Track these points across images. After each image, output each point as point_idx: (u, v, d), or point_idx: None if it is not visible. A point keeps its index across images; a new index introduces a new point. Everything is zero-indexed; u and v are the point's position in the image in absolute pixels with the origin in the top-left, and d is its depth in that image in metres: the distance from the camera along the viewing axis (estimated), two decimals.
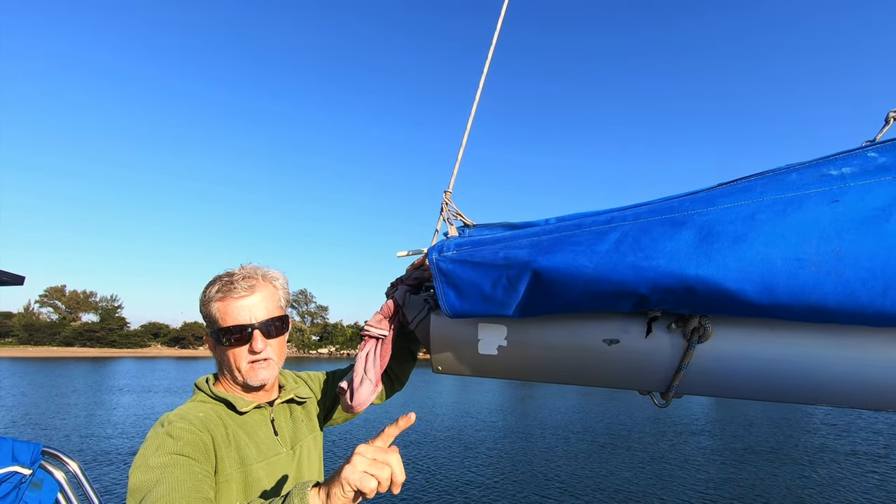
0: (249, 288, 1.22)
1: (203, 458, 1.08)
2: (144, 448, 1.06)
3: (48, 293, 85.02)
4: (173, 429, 1.10)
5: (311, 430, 1.43)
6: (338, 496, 0.83)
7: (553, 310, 1.04)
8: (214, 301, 1.21)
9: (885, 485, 11.07)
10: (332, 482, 0.85)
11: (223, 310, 1.20)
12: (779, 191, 0.86)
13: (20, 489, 1.38)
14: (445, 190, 1.42)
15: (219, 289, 1.22)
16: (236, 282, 1.22)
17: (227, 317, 1.20)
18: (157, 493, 0.95)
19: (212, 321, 1.22)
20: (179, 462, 1.02)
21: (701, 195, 0.93)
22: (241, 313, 1.20)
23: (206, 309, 1.23)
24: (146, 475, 0.99)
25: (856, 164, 0.84)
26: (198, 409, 1.20)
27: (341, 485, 0.83)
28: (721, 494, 10.07)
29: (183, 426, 1.11)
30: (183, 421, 1.13)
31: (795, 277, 0.80)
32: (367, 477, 0.83)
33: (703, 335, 0.98)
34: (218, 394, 1.24)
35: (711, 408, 23.85)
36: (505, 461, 12.30)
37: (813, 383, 0.94)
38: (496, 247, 1.06)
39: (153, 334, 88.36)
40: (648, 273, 0.88)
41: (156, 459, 1.02)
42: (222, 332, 1.20)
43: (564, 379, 1.16)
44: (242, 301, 1.21)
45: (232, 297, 1.20)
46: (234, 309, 1.20)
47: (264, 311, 1.23)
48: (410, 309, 1.31)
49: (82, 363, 56.01)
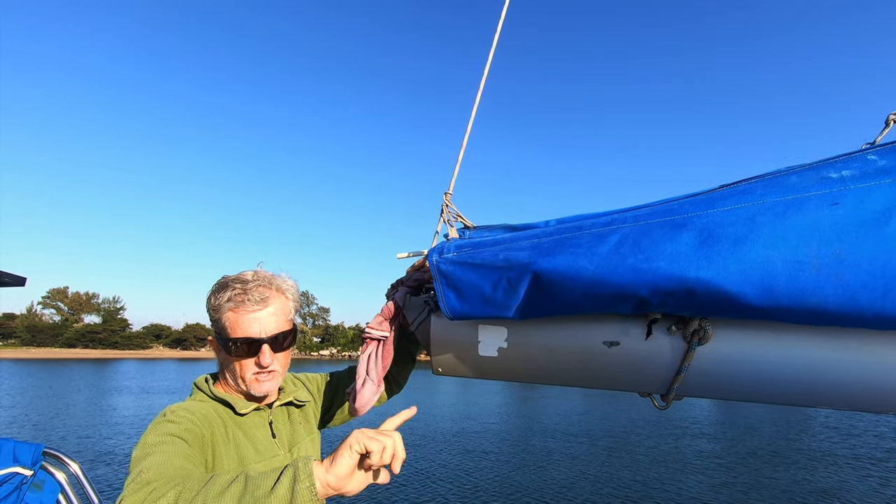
0: (262, 301, 1.20)
1: (198, 446, 1.09)
2: (145, 433, 1.08)
3: (51, 295, 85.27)
4: (174, 416, 1.12)
5: (308, 433, 1.43)
6: (344, 456, 0.86)
7: (553, 312, 1.04)
8: (226, 310, 1.20)
9: (884, 489, 11.02)
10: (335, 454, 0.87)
11: (234, 320, 1.19)
12: (779, 193, 0.85)
13: (21, 490, 1.38)
14: (446, 192, 1.41)
15: (230, 297, 1.20)
16: (249, 292, 1.20)
17: (237, 328, 1.19)
18: (147, 463, 0.97)
19: (221, 328, 1.21)
20: (174, 442, 1.04)
21: (701, 197, 0.93)
22: (252, 326, 1.19)
23: (217, 315, 1.21)
24: (141, 451, 1.02)
25: (856, 166, 0.84)
26: (199, 406, 1.21)
27: (348, 445, 0.86)
28: (721, 498, 10.03)
29: (184, 415, 1.13)
30: (185, 411, 1.15)
31: (795, 280, 0.80)
32: (372, 440, 0.86)
33: (704, 337, 0.98)
34: (217, 394, 1.24)
35: (711, 410, 23.77)
36: (504, 464, 12.27)
37: (813, 386, 0.94)
38: (496, 249, 1.06)
39: (155, 336, 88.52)
40: (649, 275, 0.88)
41: (153, 438, 1.04)
42: (231, 341, 1.19)
43: (564, 381, 1.16)
44: (255, 314, 1.19)
45: (245, 309, 1.19)
46: (245, 321, 1.19)
47: (274, 325, 1.22)
48: (411, 310, 1.31)
49: (85, 364, 56.10)
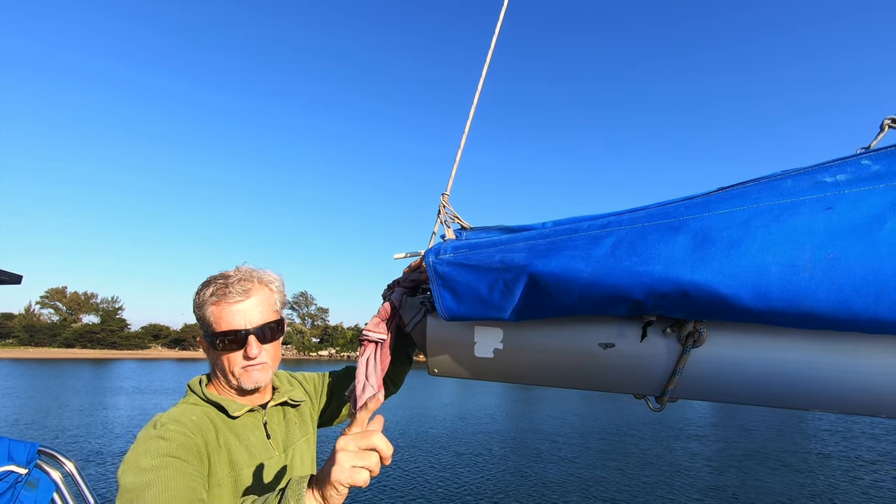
0: (245, 292, 1.20)
1: (195, 460, 1.08)
2: (135, 449, 1.05)
3: (49, 294, 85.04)
4: (165, 431, 1.08)
5: (303, 433, 1.42)
6: (333, 497, 0.83)
7: (549, 313, 1.04)
8: (209, 305, 1.20)
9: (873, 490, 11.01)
10: (324, 484, 0.85)
11: (218, 314, 1.19)
12: (774, 197, 0.86)
13: (16, 488, 1.38)
14: (443, 192, 1.42)
15: (213, 292, 1.20)
16: (231, 285, 1.20)
17: (221, 321, 1.19)
18: (150, 494, 0.94)
19: (206, 325, 1.21)
20: (171, 464, 1.01)
21: (697, 200, 0.93)
22: (236, 318, 1.19)
23: (201, 312, 1.21)
24: (138, 477, 0.99)
25: (850, 171, 0.84)
26: (191, 411, 1.19)
27: (334, 486, 0.83)
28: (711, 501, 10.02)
29: (175, 428, 1.10)
30: (176, 423, 1.12)
31: (790, 283, 0.80)
32: (356, 471, 0.83)
33: (698, 340, 0.98)
34: (210, 397, 1.23)
35: (706, 412, 23.75)
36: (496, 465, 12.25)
37: (807, 389, 0.94)
38: (493, 250, 1.06)
39: (154, 336, 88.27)
40: (644, 278, 0.88)
41: (147, 461, 1.01)
42: (217, 336, 1.19)
43: (560, 382, 1.16)
44: (237, 306, 1.19)
45: (227, 302, 1.19)
46: (228, 313, 1.19)
47: (259, 316, 1.22)
48: (407, 311, 1.31)
49: (83, 364, 55.98)
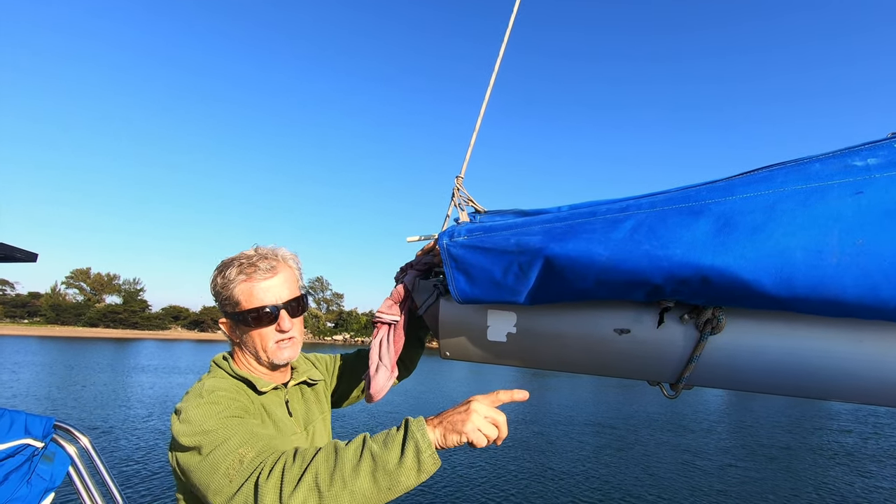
0: (271, 269, 1.24)
1: (250, 417, 1.12)
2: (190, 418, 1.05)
3: (74, 275, 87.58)
4: (215, 397, 1.11)
5: (320, 412, 1.45)
6: (453, 441, 0.94)
7: (564, 298, 1.03)
8: (237, 283, 1.21)
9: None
10: (448, 427, 0.94)
11: (248, 291, 1.21)
12: (801, 181, 0.83)
13: (33, 461, 1.42)
14: (457, 175, 1.40)
15: (240, 271, 1.22)
16: (257, 263, 1.23)
17: (252, 298, 1.21)
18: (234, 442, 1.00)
19: (233, 304, 1.22)
20: (236, 421, 1.06)
21: (719, 184, 0.91)
22: (266, 294, 1.22)
23: (227, 291, 1.22)
24: (209, 438, 1.01)
25: (882, 154, 0.81)
26: (223, 382, 1.20)
27: (458, 434, 0.93)
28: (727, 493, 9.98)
29: (223, 395, 1.13)
30: (221, 390, 1.14)
31: (815, 269, 0.78)
32: (480, 434, 0.94)
33: (717, 327, 0.96)
34: (238, 372, 1.25)
35: (721, 400, 23.55)
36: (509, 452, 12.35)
37: (828, 378, 0.92)
38: (508, 233, 1.05)
39: (174, 317, 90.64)
40: (663, 262, 0.86)
41: (212, 423, 1.04)
42: (249, 313, 1.21)
43: (573, 368, 1.15)
44: (265, 282, 1.22)
45: (255, 279, 1.22)
46: (259, 290, 1.21)
47: (287, 292, 1.25)
48: (419, 294, 1.31)
49: (106, 343, 57.70)
